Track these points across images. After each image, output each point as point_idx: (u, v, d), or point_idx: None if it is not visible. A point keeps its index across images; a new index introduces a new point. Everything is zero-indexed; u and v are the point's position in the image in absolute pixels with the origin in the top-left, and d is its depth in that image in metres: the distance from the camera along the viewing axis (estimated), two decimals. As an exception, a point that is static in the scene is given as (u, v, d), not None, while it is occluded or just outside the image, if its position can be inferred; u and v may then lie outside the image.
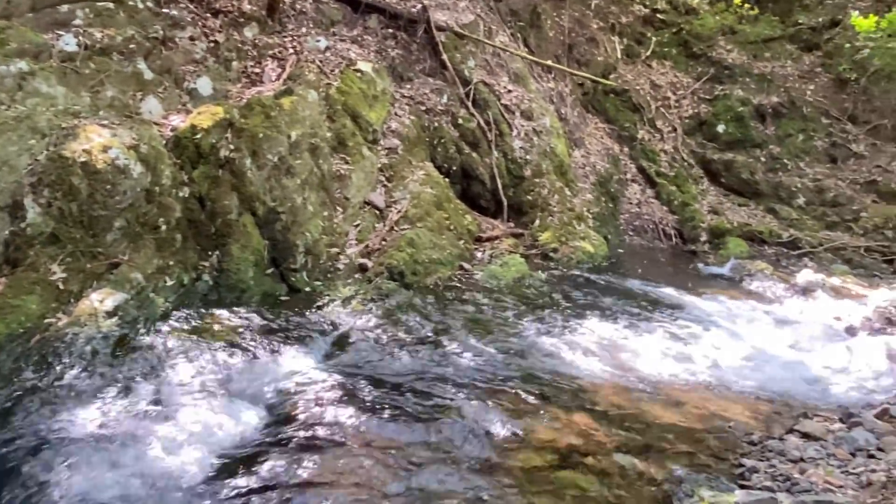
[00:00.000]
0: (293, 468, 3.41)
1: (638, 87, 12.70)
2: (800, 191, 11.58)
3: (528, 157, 9.26)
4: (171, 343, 4.57)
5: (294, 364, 4.62)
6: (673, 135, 12.42)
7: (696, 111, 12.74)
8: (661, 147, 12.14)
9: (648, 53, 13.46)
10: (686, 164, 12.02)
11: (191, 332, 4.78)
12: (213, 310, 5.15)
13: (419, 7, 9.31)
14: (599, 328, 6.08)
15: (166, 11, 6.48)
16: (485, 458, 3.67)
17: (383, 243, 6.84)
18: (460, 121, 9.04)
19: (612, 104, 12.43)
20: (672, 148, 12.19)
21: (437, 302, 6.18)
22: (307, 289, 5.96)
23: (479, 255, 7.66)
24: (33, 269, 4.47)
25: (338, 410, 3.99)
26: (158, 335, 4.64)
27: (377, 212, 7.27)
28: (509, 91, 9.77)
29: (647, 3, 13.99)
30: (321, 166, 6.70)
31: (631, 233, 10.65)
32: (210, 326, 4.92)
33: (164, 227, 5.24)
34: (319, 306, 5.70)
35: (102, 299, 4.53)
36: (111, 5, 6.04)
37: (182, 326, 4.84)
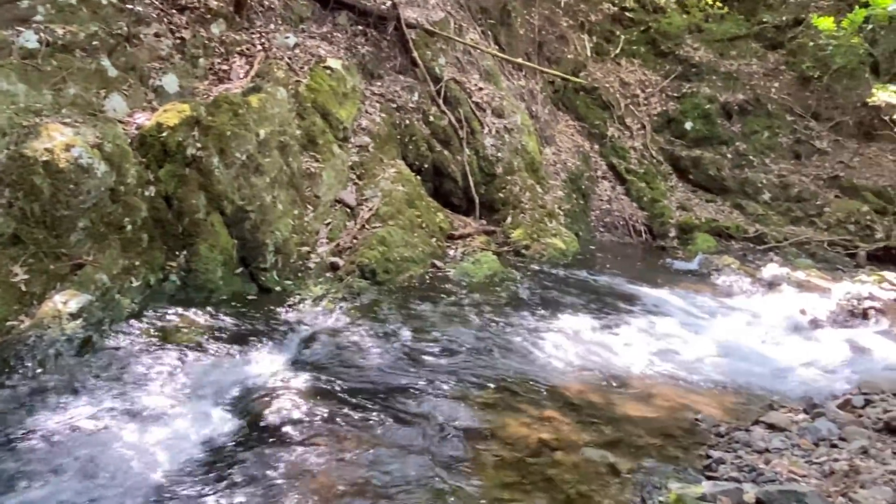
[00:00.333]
0: (262, 467, 3.38)
1: (607, 85, 12.83)
2: (765, 187, 11.81)
3: (500, 155, 9.29)
4: (138, 344, 4.52)
5: (263, 364, 4.58)
6: (642, 132, 12.57)
7: (665, 108, 12.90)
8: (631, 144, 12.28)
9: (618, 51, 13.60)
10: (655, 161, 12.18)
11: (158, 333, 4.72)
12: (181, 310, 5.09)
13: (389, 4, 9.28)
14: (570, 324, 6.14)
15: (130, 7, 6.36)
16: (456, 454, 3.69)
17: (354, 242, 6.81)
18: (431, 118, 9.04)
19: (583, 102, 12.54)
20: (641, 145, 12.34)
21: (409, 300, 6.18)
22: (277, 288, 5.91)
23: (452, 253, 7.67)
24: (-6, 271, 4.37)
25: (307, 409, 3.97)
26: (124, 337, 4.58)
27: (348, 210, 7.23)
28: (480, 89, 9.79)
29: (616, 2, 14.12)
30: (291, 164, 6.64)
31: (602, 229, 10.76)
32: (178, 327, 4.86)
33: (130, 227, 5.16)
34: (290, 306, 5.66)
35: (66, 301, 4.44)
36: (73, 1, 5.90)
37: (149, 327, 4.78)
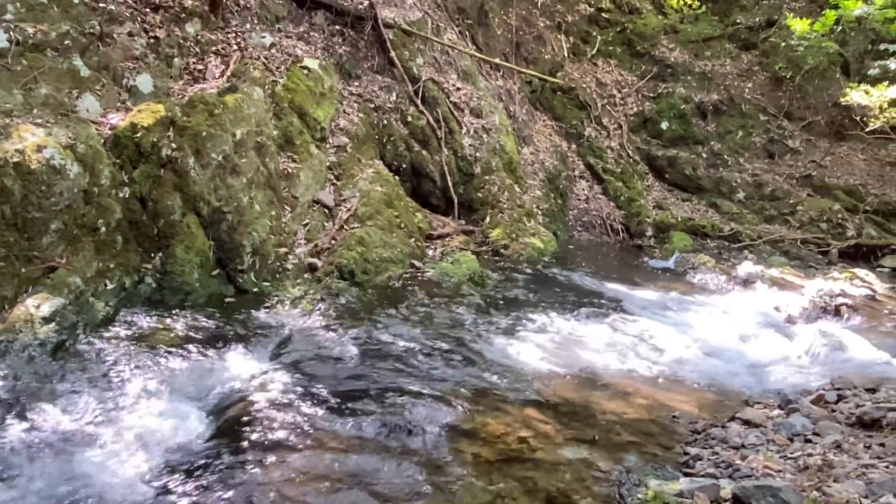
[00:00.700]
0: (240, 470, 3.35)
1: (584, 85, 12.91)
2: (740, 186, 11.98)
3: (478, 155, 9.31)
4: (113, 348, 4.44)
5: (241, 365, 4.54)
6: (619, 132, 12.67)
7: (641, 108, 13.03)
8: (608, 144, 12.37)
9: (594, 52, 13.70)
10: (632, 161, 12.29)
11: (133, 336, 4.66)
12: (157, 313, 5.03)
13: (366, 3, 9.25)
14: (549, 323, 6.17)
15: (103, 6, 6.27)
16: (436, 453, 3.68)
17: (333, 242, 6.77)
18: (410, 118, 9.02)
19: (560, 102, 12.61)
20: (618, 145, 12.44)
21: (388, 300, 6.17)
22: (255, 289, 5.86)
23: (431, 253, 7.66)
24: (-37, 275, 4.28)
25: (286, 411, 3.94)
26: (99, 340, 4.50)
27: (326, 210, 7.19)
28: (458, 89, 9.80)
29: (592, 3, 14.23)
30: (268, 165, 6.59)
31: (580, 228, 10.83)
32: (154, 330, 4.80)
33: (104, 229, 5.08)
34: (268, 307, 5.62)
35: (38, 305, 4.37)
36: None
37: (124, 331, 4.71)
